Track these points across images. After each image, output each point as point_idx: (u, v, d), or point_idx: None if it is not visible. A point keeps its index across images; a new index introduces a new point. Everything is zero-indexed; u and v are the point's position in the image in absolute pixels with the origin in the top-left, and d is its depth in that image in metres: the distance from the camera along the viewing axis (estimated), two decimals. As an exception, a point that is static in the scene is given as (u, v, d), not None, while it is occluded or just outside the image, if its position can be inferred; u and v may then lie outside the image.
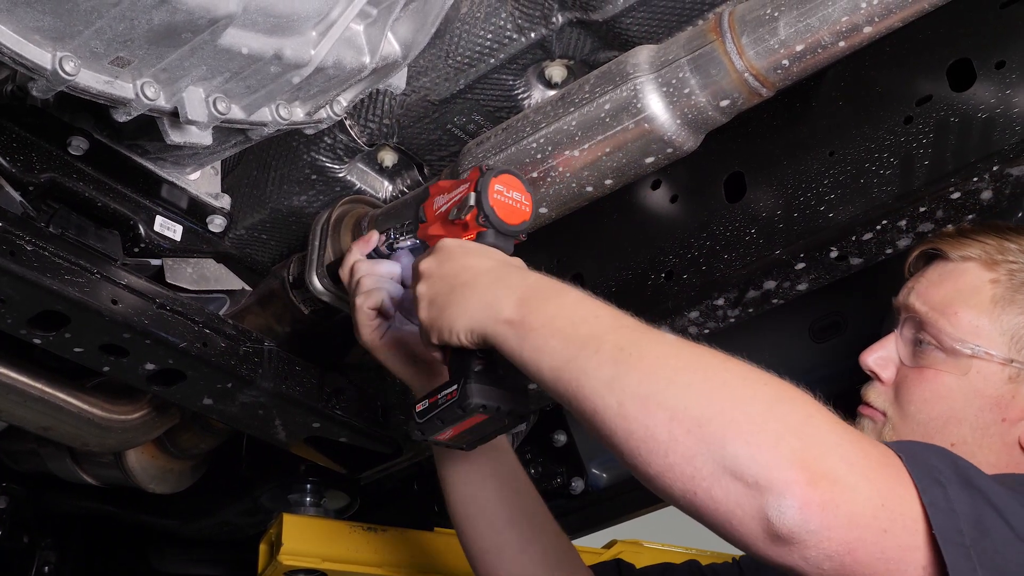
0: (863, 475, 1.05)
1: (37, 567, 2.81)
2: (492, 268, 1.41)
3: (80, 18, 1.28)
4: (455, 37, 1.68)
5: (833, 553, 1.03)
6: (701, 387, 1.11)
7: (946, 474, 1.07)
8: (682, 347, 1.18)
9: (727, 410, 1.08)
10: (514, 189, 1.52)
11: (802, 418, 1.08)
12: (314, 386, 1.93)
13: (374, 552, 2.19)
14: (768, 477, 1.04)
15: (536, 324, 1.27)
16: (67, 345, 1.69)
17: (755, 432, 1.06)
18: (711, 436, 1.07)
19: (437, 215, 1.56)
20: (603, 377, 1.16)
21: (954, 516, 1.04)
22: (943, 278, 1.49)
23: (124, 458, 2.26)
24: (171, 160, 1.84)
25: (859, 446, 1.07)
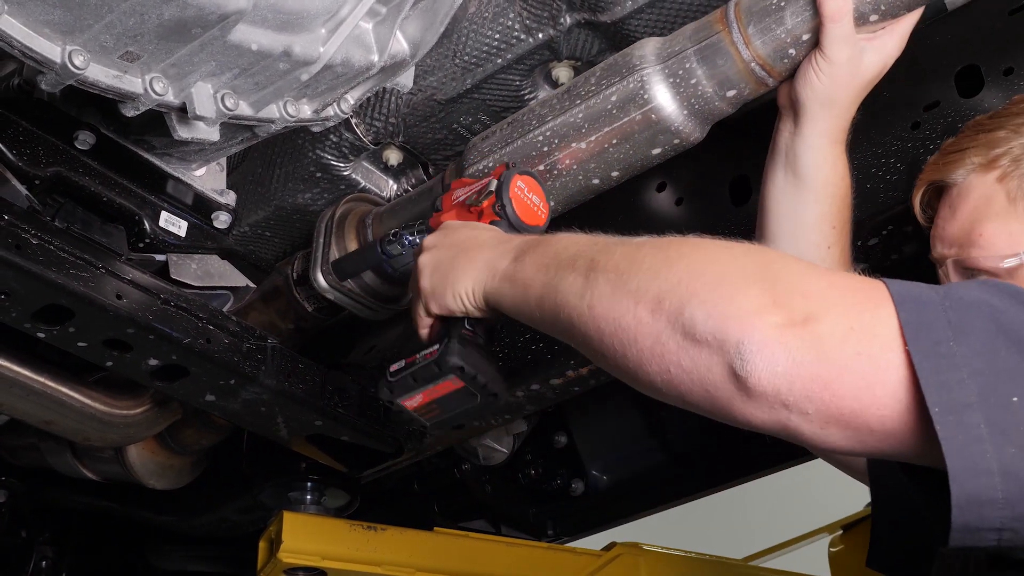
0: (827, 302, 1.00)
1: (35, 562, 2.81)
2: (495, 235, 1.41)
3: (90, 12, 1.28)
4: (463, 37, 1.68)
5: (811, 392, 0.98)
6: (660, 266, 1.09)
7: (939, 290, 1.01)
8: (648, 239, 1.16)
9: (684, 279, 1.05)
10: (534, 192, 1.52)
11: (762, 265, 1.05)
12: (317, 384, 1.93)
13: (374, 551, 2.19)
14: (724, 328, 1.00)
15: (527, 266, 1.27)
16: (71, 339, 1.69)
17: (711, 290, 1.03)
18: (671, 308, 1.05)
19: (454, 203, 1.55)
20: (576, 287, 1.15)
21: (929, 326, 0.97)
22: (953, 208, 1.39)
23: (125, 453, 2.25)
24: (177, 156, 1.84)
25: (827, 278, 1.03)
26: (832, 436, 1.00)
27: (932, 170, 1.44)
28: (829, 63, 1.41)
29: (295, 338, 1.99)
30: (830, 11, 1.38)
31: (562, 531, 2.58)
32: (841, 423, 0.99)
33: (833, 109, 1.46)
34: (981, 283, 1.02)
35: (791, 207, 1.52)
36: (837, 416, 0.98)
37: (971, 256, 1.34)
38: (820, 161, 1.49)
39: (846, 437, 1.00)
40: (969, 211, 1.36)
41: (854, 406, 0.98)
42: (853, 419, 0.98)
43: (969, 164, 1.38)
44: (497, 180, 1.48)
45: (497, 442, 2.41)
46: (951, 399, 0.94)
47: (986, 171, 1.36)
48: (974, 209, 1.36)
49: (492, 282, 1.33)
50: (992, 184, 1.35)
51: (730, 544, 2.93)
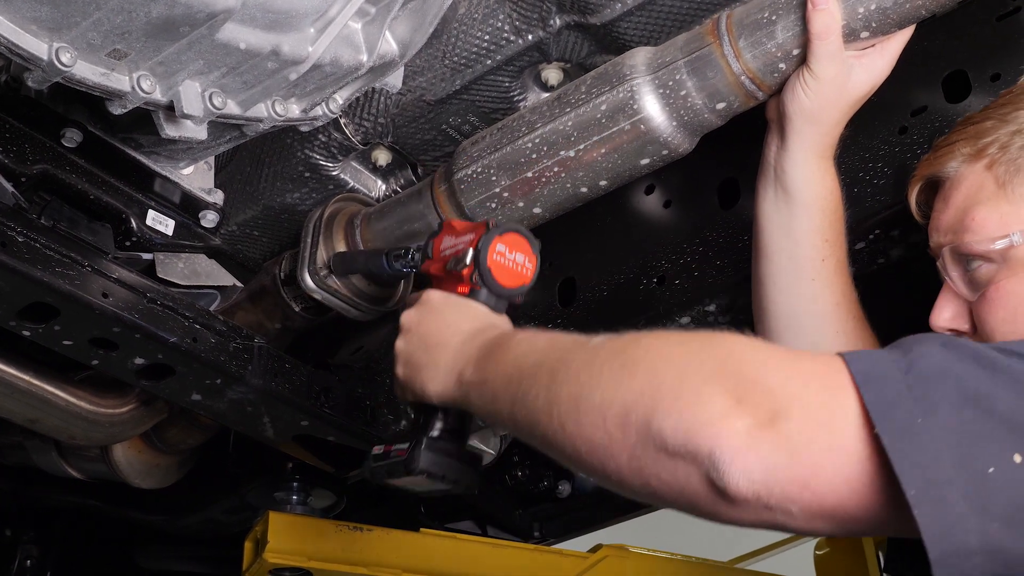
0: (789, 396, 0.98)
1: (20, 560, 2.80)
2: (466, 332, 1.40)
3: (78, 9, 1.28)
4: (452, 38, 1.68)
5: (790, 494, 0.97)
6: (620, 375, 1.07)
7: (901, 363, 0.99)
8: (605, 341, 1.14)
9: (646, 388, 1.04)
10: (518, 250, 1.49)
11: (720, 361, 1.03)
12: (303, 384, 1.92)
13: (360, 552, 2.19)
14: (694, 440, 0.99)
15: (490, 376, 1.28)
16: (56, 338, 1.68)
17: (675, 398, 1.01)
18: (638, 422, 1.03)
19: (440, 256, 1.55)
20: (542, 403, 1.14)
21: (894, 405, 0.96)
22: (947, 200, 1.40)
23: (110, 452, 2.25)
24: (165, 154, 1.83)
25: (786, 367, 1.01)
26: (821, 527, 1.00)
27: (925, 166, 1.44)
28: (816, 80, 1.42)
29: (282, 338, 1.99)
30: (818, 28, 1.38)
31: (549, 533, 2.57)
32: (826, 517, 0.98)
33: (820, 126, 1.46)
34: (943, 346, 1.00)
35: (783, 222, 1.52)
36: (820, 512, 0.98)
37: (964, 241, 1.34)
38: (808, 176, 1.49)
39: (835, 527, 1.00)
40: (961, 199, 1.37)
41: (835, 501, 0.97)
42: (837, 511, 0.98)
43: (959, 156, 1.38)
44: (475, 249, 1.48)
45: (484, 443, 2.41)
46: (926, 479, 0.93)
47: (975, 160, 1.37)
48: (965, 197, 1.36)
49: (457, 390, 1.34)
50: (982, 172, 1.36)
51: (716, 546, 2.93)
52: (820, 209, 1.51)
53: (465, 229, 1.53)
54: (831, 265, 1.52)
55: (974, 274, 1.35)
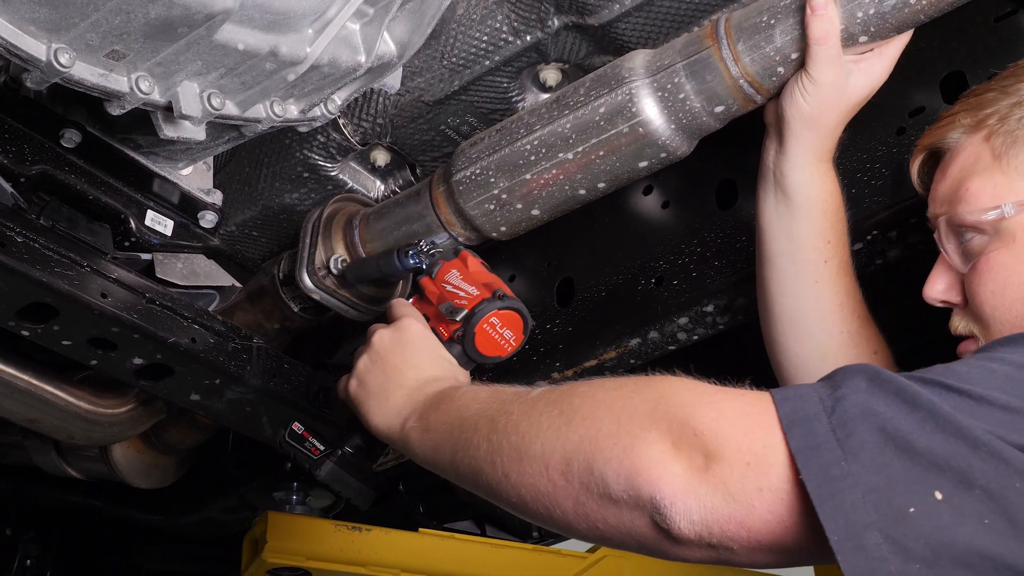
0: (720, 437, 1.01)
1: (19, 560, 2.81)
2: (422, 379, 1.43)
3: (76, 10, 1.28)
4: (451, 38, 1.69)
5: (729, 532, 1.00)
6: (559, 424, 1.10)
7: (827, 401, 1.01)
8: (542, 394, 1.17)
9: (584, 435, 1.07)
10: (509, 327, 1.53)
11: (653, 404, 1.06)
12: (302, 384, 1.93)
13: (358, 551, 2.19)
14: (635, 486, 1.03)
15: (433, 426, 1.31)
16: (55, 338, 1.68)
17: (613, 444, 1.05)
18: (580, 469, 1.07)
19: (440, 284, 1.58)
20: (484, 452, 1.17)
21: (818, 449, 0.98)
22: (945, 170, 1.39)
23: (110, 452, 2.25)
24: (164, 155, 1.84)
25: (715, 407, 1.04)
26: (763, 560, 1.04)
27: (927, 136, 1.44)
28: (815, 84, 1.42)
29: (281, 338, 1.99)
30: (816, 33, 1.38)
31: (547, 533, 2.58)
32: (765, 551, 1.02)
33: (818, 130, 1.46)
34: (869, 382, 1.02)
35: (784, 226, 1.53)
36: (759, 547, 1.01)
37: (958, 212, 1.34)
38: (807, 179, 1.49)
39: (776, 559, 1.03)
40: (957, 170, 1.37)
41: (770, 537, 1.00)
42: (774, 546, 1.01)
43: (960, 127, 1.39)
44: (469, 311, 1.51)
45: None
46: (848, 523, 0.95)
47: (975, 131, 1.37)
48: (962, 167, 1.37)
49: (398, 434, 1.39)
50: (980, 143, 1.36)
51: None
52: (821, 212, 1.51)
53: (474, 279, 1.55)
54: (834, 266, 1.53)
55: (967, 246, 1.35)
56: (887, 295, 1.58)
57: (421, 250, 1.63)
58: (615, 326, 1.85)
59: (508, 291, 1.53)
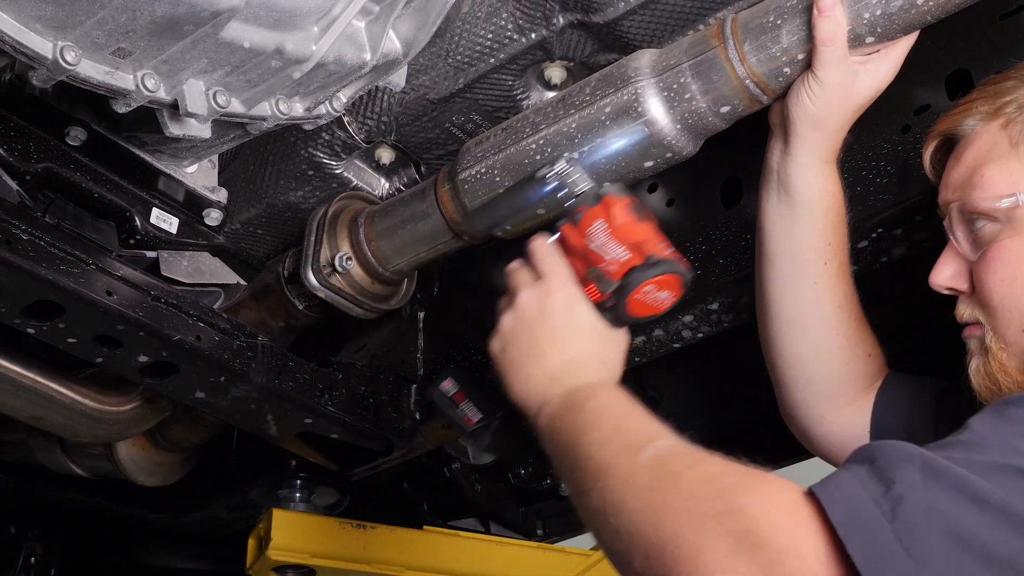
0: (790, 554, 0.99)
1: (24, 558, 2.81)
2: (565, 367, 1.38)
3: (82, 8, 1.28)
4: (456, 36, 1.69)
5: None
6: (646, 519, 1.10)
7: (883, 504, 0.99)
8: (645, 467, 1.15)
9: (666, 547, 1.06)
10: (666, 288, 1.39)
11: (731, 528, 1.03)
12: (307, 382, 1.93)
13: (363, 549, 2.20)
14: None
15: (557, 433, 1.30)
16: (61, 335, 1.69)
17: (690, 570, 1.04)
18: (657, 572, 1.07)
19: (583, 239, 1.43)
20: (585, 495, 1.19)
21: (884, 561, 0.95)
22: (959, 157, 1.38)
23: (114, 450, 2.25)
24: (169, 152, 1.84)
25: (788, 530, 1.01)
26: None
27: (943, 122, 1.44)
28: (821, 85, 1.41)
29: (286, 336, 1.99)
30: (823, 34, 1.37)
31: (552, 531, 2.58)
32: None
33: (824, 131, 1.46)
34: (923, 478, 0.99)
35: (786, 226, 1.52)
36: None
37: (971, 198, 1.34)
38: (811, 180, 1.49)
39: None
40: (972, 156, 1.36)
41: None
42: None
43: (976, 113, 1.38)
44: (620, 283, 1.38)
45: (484, 442, 2.41)
46: None
47: (992, 119, 1.36)
48: (977, 154, 1.36)
49: (532, 413, 1.37)
50: (997, 130, 1.35)
51: (719, 545, 2.93)
52: (823, 213, 1.50)
53: (623, 235, 1.40)
54: (833, 268, 1.52)
55: (978, 233, 1.34)
56: (892, 293, 1.59)
57: (559, 175, 1.49)
58: (620, 324, 1.85)
59: (662, 250, 1.39)
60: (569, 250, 1.44)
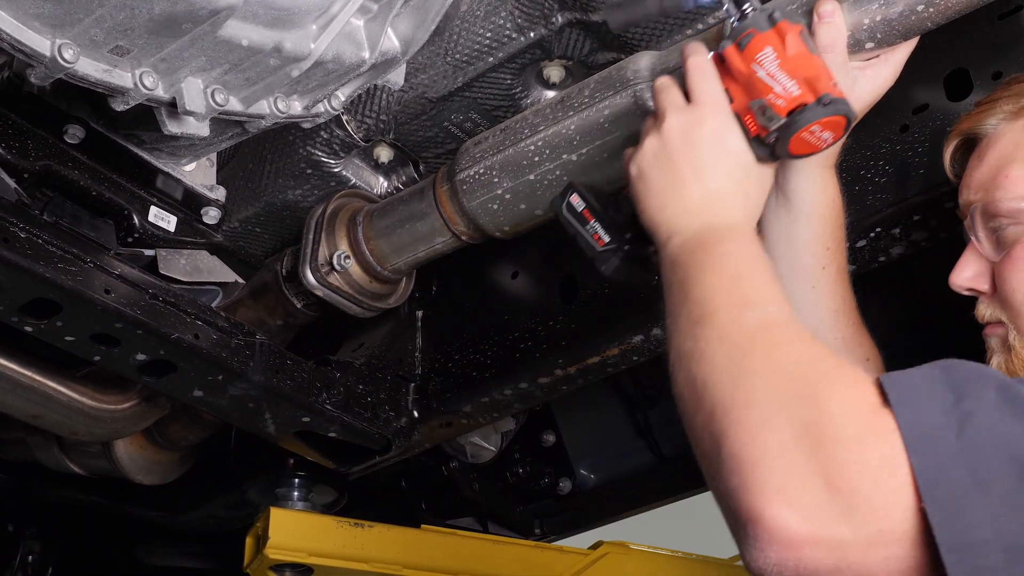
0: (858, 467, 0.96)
1: (21, 556, 2.81)
2: (702, 203, 1.29)
3: (80, 6, 1.28)
4: (454, 35, 1.69)
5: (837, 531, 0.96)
6: (733, 400, 1.06)
7: (952, 416, 0.97)
8: (753, 340, 1.10)
9: (744, 444, 1.02)
10: (830, 129, 1.28)
11: (806, 434, 1.00)
12: (305, 380, 1.92)
13: (361, 548, 2.19)
14: (758, 509, 0.99)
15: (678, 270, 1.24)
16: (58, 333, 1.68)
17: (754, 467, 1.01)
18: (712, 437, 1.04)
19: (748, 65, 1.29)
20: (686, 345, 1.14)
21: (943, 473, 0.94)
22: (982, 157, 1.37)
23: (112, 448, 2.25)
24: (167, 151, 1.84)
25: (859, 439, 0.98)
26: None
27: (964, 121, 1.42)
28: None
29: (284, 334, 1.99)
30: (824, 40, 1.36)
31: (549, 530, 2.58)
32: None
33: None
34: (998, 398, 0.98)
35: (784, 230, 1.51)
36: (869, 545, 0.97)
37: (995, 199, 1.32)
38: (809, 185, 1.48)
39: None
40: (996, 156, 1.35)
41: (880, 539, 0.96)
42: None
43: (1000, 113, 1.37)
44: (786, 120, 1.26)
45: (485, 440, 2.42)
46: (974, 566, 0.92)
47: (1016, 118, 1.35)
48: (1001, 154, 1.34)
49: (659, 240, 1.29)
50: (1021, 130, 1.34)
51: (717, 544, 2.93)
52: (821, 217, 1.49)
53: (794, 68, 1.27)
54: (832, 273, 1.52)
55: (1001, 234, 1.33)
56: (891, 292, 1.58)
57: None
58: (618, 323, 1.85)
59: (834, 88, 1.27)
60: (729, 75, 1.32)
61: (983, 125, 1.38)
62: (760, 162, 1.31)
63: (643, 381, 2.42)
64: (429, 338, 2.12)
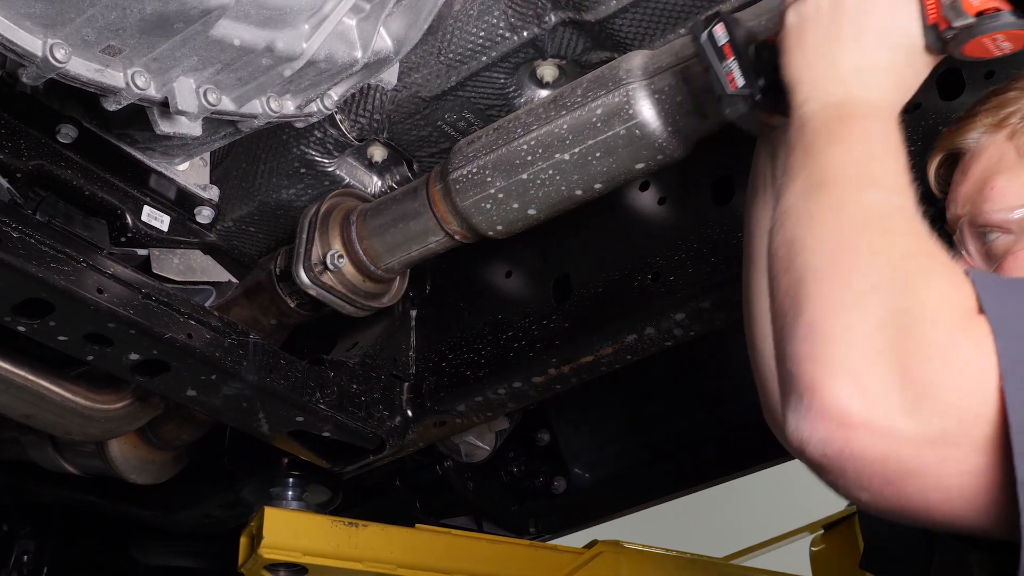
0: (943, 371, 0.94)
1: (16, 555, 2.81)
2: (853, 73, 1.23)
3: (72, 6, 1.28)
4: (447, 34, 1.68)
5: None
6: (824, 284, 1.03)
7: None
8: (864, 223, 1.07)
9: (823, 330, 0.99)
10: (1009, 40, 1.22)
11: (893, 333, 0.97)
12: (298, 380, 1.92)
13: (355, 547, 2.19)
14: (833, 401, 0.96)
15: (806, 124, 1.19)
16: (51, 333, 1.68)
17: (832, 359, 0.98)
18: (790, 306, 1.03)
19: None
20: (793, 208, 1.11)
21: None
22: (966, 171, 1.36)
23: (106, 448, 2.25)
24: (160, 150, 1.84)
25: (949, 322, 0.96)
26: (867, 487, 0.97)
27: (946, 137, 1.42)
28: None
29: (277, 334, 1.99)
30: None
31: (544, 529, 2.58)
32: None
33: None
34: None
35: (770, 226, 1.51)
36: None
37: (983, 211, 1.32)
38: None
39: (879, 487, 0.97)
40: (980, 169, 1.34)
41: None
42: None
43: (980, 126, 1.36)
44: (974, 20, 1.21)
45: (479, 439, 2.41)
46: None
47: (997, 130, 1.35)
48: (985, 167, 1.34)
49: (792, 102, 1.23)
50: (1003, 142, 1.34)
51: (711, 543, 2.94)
52: None
53: None
54: None
55: (991, 246, 1.32)
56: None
57: None
58: (612, 322, 1.85)
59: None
60: None
61: (965, 139, 1.38)
62: (926, 51, 1.25)
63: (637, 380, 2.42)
64: (423, 337, 2.12)
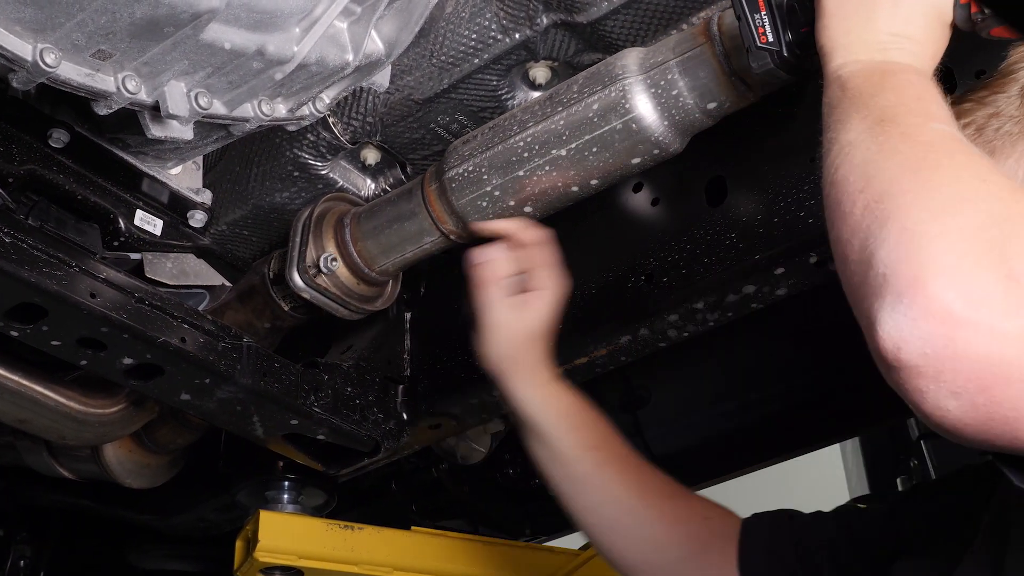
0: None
1: (12, 561, 2.80)
2: (888, 37, 1.22)
3: (62, 10, 1.27)
4: (439, 36, 1.69)
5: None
6: (903, 175, 1.02)
7: None
8: (937, 166, 1.04)
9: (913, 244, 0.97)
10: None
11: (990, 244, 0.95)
12: (293, 383, 1.92)
13: (351, 550, 2.19)
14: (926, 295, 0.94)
15: (847, 85, 1.18)
16: (44, 338, 1.68)
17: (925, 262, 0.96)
18: (875, 219, 1.01)
19: None
20: (848, 133, 1.10)
21: None
22: None
23: (101, 452, 2.25)
24: (152, 154, 1.83)
25: None
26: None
27: None
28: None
29: (271, 337, 1.99)
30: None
31: (539, 530, 2.58)
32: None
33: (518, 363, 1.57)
34: None
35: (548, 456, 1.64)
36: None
37: None
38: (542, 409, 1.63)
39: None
40: None
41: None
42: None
43: None
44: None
45: (475, 441, 2.41)
46: None
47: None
48: None
49: (824, 62, 1.22)
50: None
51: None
52: (570, 428, 1.64)
53: None
54: (614, 467, 1.62)
55: None
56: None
57: None
58: (605, 323, 1.85)
59: None
60: None
61: None
62: (950, 27, 1.25)
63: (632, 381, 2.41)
64: (418, 340, 2.12)
